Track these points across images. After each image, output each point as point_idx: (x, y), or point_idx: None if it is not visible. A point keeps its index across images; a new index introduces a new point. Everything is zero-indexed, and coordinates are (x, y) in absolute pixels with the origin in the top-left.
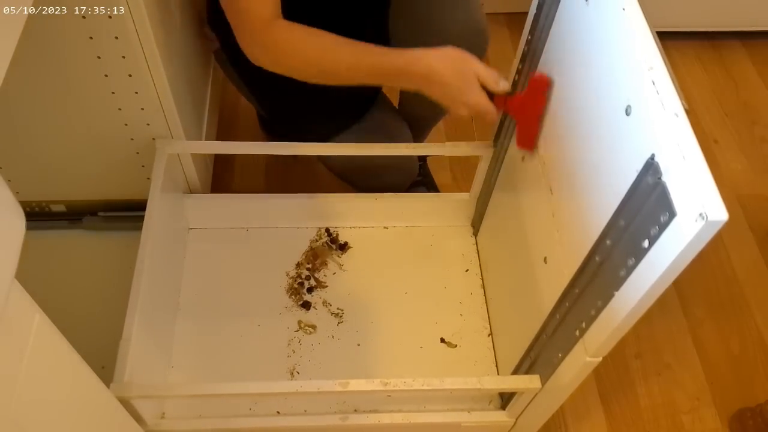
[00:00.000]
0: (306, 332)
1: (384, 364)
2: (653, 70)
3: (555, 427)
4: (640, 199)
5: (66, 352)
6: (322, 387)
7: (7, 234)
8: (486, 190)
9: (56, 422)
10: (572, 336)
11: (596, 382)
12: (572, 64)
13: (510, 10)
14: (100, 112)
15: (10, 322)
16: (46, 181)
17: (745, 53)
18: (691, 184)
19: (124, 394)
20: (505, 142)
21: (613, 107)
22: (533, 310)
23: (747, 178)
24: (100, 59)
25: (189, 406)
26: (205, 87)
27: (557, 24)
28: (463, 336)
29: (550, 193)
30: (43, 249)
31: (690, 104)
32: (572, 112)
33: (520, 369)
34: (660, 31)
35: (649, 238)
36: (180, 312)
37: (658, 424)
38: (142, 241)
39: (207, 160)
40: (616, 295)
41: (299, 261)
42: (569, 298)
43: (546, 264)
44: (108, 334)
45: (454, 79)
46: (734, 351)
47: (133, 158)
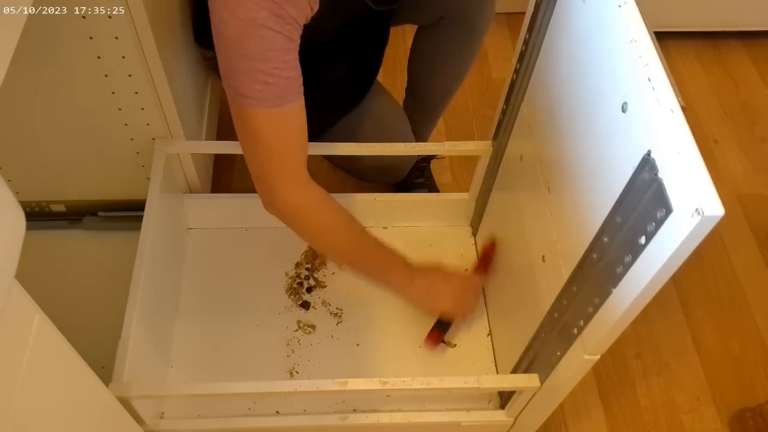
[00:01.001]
0: (305, 332)
1: (383, 364)
2: (649, 66)
3: (555, 427)
4: (636, 195)
5: (66, 352)
6: (321, 386)
7: (7, 234)
8: (485, 190)
9: (56, 422)
10: (570, 334)
11: (596, 382)
12: (569, 61)
13: (510, 10)
14: (100, 112)
15: (10, 322)
16: (46, 181)
17: (745, 53)
18: (687, 180)
19: (124, 394)
20: (503, 141)
21: (610, 104)
22: (532, 309)
23: (747, 178)
24: (100, 59)
25: (188, 405)
26: (205, 87)
27: (554, 22)
28: (462, 335)
29: (547, 191)
30: (43, 249)
31: (690, 104)
32: (569, 110)
33: (519, 368)
34: (660, 31)
35: (645, 235)
36: (179, 312)
37: (658, 424)
38: (141, 241)
39: (207, 160)
40: (614, 292)
41: (298, 261)
42: (567, 296)
43: (544, 263)
44: (108, 334)
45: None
46: (734, 351)
47: (132, 158)
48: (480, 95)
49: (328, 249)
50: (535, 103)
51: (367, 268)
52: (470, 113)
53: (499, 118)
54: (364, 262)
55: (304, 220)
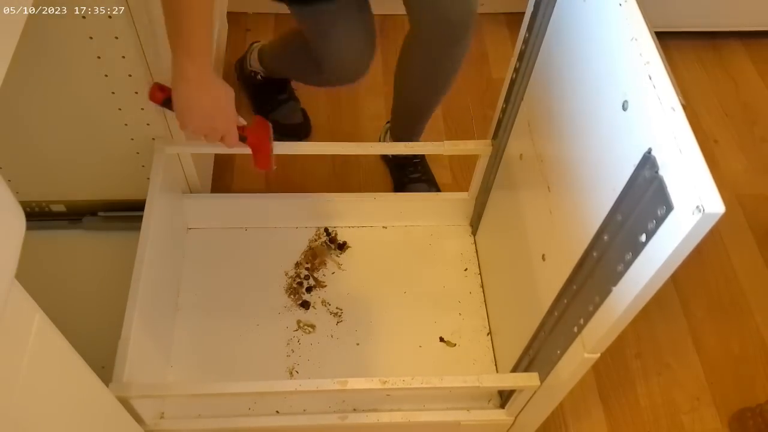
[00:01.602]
0: (305, 332)
1: (383, 363)
2: (650, 65)
3: (555, 426)
4: (637, 193)
5: (66, 352)
6: (321, 386)
7: (7, 234)
8: (484, 189)
9: (56, 422)
10: (570, 333)
11: (596, 382)
12: (569, 60)
13: (510, 10)
14: (100, 112)
15: (10, 322)
16: (46, 181)
17: (745, 53)
18: (687, 177)
19: (124, 393)
20: (503, 140)
21: (610, 103)
22: (532, 308)
23: (747, 178)
24: (100, 59)
25: (188, 405)
26: None
27: (554, 21)
28: (462, 335)
29: (547, 190)
30: (43, 249)
31: (690, 104)
32: (569, 109)
33: (519, 367)
34: (660, 31)
35: (646, 233)
36: (179, 312)
37: (658, 424)
38: (141, 241)
39: (207, 160)
40: (614, 291)
41: (298, 261)
42: (567, 294)
43: (544, 261)
44: (108, 334)
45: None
46: (734, 351)
47: (132, 158)
48: (480, 95)
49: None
50: (535, 102)
51: (170, 30)
52: (470, 113)
53: (498, 118)
54: (172, 23)
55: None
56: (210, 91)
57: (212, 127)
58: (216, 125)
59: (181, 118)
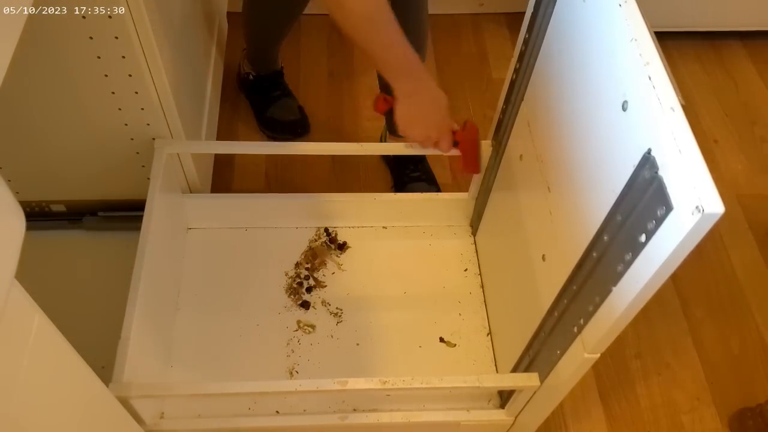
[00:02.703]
0: (305, 332)
1: (383, 364)
2: (650, 65)
3: (555, 426)
4: (636, 193)
5: (66, 352)
6: (321, 386)
7: (7, 234)
8: (484, 190)
9: (56, 422)
10: (570, 333)
11: (596, 382)
12: (569, 61)
13: (510, 10)
14: (100, 112)
15: (10, 322)
16: (46, 181)
17: (745, 53)
18: (687, 177)
19: (124, 393)
20: (503, 141)
21: (610, 103)
22: (532, 308)
23: (747, 178)
24: (100, 59)
25: (188, 405)
26: (205, 86)
27: (554, 22)
28: (462, 335)
29: (547, 190)
30: (43, 249)
31: (690, 104)
32: (569, 109)
33: (518, 367)
34: (660, 31)
35: (646, 233)
36: (179, 312)
37: (658, 424)
38: (141, 241)
39: (207, 160)
40: (614, 291)
41: (298, 261)
42: (567, 294)
43: (544, 262)
44: (108, 334)
45: (436, 108)
46: (734, 351)
47: (132, 158)
48: (480, 95)
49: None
50: (535, 102)
51: (373, 57)
52: (470, 113)
53: (498, 118)
54: (383, 53)
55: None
56: (426, 104)
57: (428, 135)
58: (431, 134)
59: (403, 129)
